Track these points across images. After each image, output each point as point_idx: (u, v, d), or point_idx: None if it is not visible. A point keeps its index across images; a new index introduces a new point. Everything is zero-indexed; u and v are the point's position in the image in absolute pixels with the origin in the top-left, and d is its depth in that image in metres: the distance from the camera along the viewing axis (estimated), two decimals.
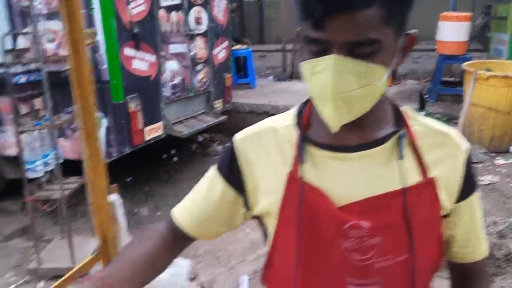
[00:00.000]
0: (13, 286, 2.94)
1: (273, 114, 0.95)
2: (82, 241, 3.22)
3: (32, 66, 2.92)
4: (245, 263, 3.07)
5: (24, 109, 3.27)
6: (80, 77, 1.30)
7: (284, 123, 0.87)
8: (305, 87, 0.78)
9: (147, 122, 4.00)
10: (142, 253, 0.84)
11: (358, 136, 0.80)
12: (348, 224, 0.75)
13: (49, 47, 3.30)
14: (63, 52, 3.25)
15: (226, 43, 5.36)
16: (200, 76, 4.83)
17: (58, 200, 3.00)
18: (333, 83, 0.71)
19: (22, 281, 2.97)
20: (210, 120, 5.01)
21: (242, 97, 6.25)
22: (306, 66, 0.75)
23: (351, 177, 0.78)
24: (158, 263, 0.87)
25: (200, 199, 0.91)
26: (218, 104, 5.27)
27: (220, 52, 5.24)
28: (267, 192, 0.83)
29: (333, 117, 0.74)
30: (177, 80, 4.43)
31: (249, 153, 0.86)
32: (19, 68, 2.83)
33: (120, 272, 0.78)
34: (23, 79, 2.78)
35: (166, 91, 4.29)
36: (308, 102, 0.87)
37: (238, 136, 0.89)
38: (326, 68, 0.71)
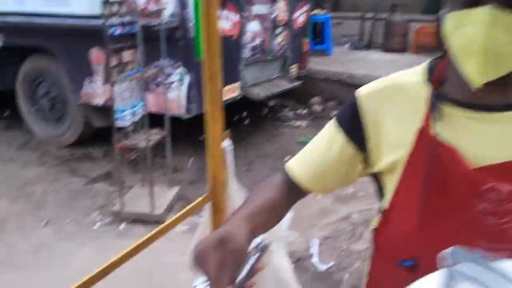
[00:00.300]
0: (99, 224, 3.18)
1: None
2: (160, 191, 3.39)
3: (125, 19, 3.02)
4: (316, 228, 3.10)
5: (114, 61, 3.41)
6: (210, 21, 1.33)
7: (413, 79, 0.84)
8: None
9: (226, 82, 4.04)
10: (267, 200, 0.83)
11: (501, 95, 0.75)
12: (487, 186, 0.72)
13: (140, 1, 3.40)
14: (154, 7, 3.34)
15: (306, 7, 5.25)
16: (279, 39, 4.78)
17: (142, 149, 3.16)
18: (485, 37, 0.67)
19: (107, 221, 3.19)
20: (285, 85, 4.96)
21: (317, 64, 6.14)
22: (454, 18, 0.71)
23: (491, 138, 0.74)
24: (279, 212, 0.87)
25: (318, 153, 0.90)
26: (294, 69, 5.21)
27: (300, 16, 5.14)
28: (392, 148, 0.81)
29: (478, 73, 0.70)
30: (257, 42, 4.42)
31: (375, 108, 0.84)
32: (114, 21, 2.93)
33: (253, 216, 0.77)
34: (118, 31, 2.89)
35: (246, 52, 4.29)
36: (440, 58, 0.83)
37: (363, 91, 0.86)
38: (479, 20, 0.67)
